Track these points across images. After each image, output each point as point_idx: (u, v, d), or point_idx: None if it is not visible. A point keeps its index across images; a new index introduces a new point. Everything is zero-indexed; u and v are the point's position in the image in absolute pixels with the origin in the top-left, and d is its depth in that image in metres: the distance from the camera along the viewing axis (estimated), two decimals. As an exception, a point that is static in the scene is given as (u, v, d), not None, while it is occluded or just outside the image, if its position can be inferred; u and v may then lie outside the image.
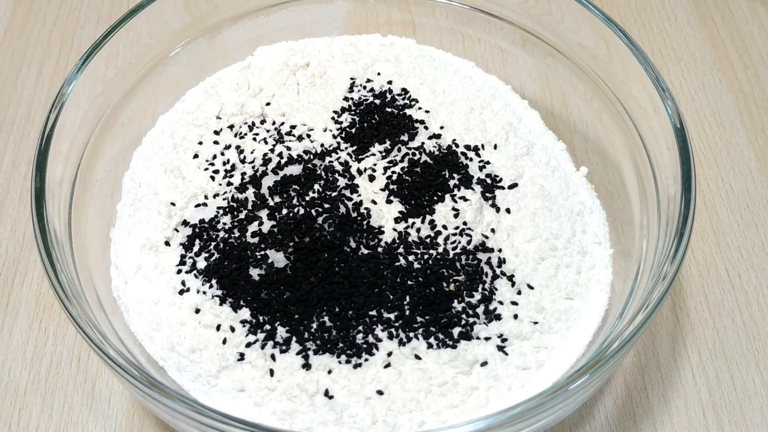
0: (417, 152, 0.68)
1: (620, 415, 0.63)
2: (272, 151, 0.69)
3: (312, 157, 0.68)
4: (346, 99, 0.73)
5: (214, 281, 0.62)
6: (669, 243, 0.56)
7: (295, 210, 0.64)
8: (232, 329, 0.59)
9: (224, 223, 0.65)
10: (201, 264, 0.63)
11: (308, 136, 0.70)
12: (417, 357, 0.58)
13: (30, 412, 0.63)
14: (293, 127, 0.71)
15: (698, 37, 0.88)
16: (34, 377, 0.65)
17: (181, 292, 0.62)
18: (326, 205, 0.65)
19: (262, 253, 0.62)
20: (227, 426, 0.48)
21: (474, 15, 0.78)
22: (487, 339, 0.59)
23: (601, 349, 0.55)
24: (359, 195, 0.66)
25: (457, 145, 0.70)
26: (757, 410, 0.64)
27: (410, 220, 0.64)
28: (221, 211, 0.65)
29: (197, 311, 0.60)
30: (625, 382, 0.65)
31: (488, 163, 0.69)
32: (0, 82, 0.83)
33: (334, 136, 0.70)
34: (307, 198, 0.65)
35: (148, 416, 0.63)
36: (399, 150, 0.69)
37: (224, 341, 0.59)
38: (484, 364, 0.58)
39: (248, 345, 0.59)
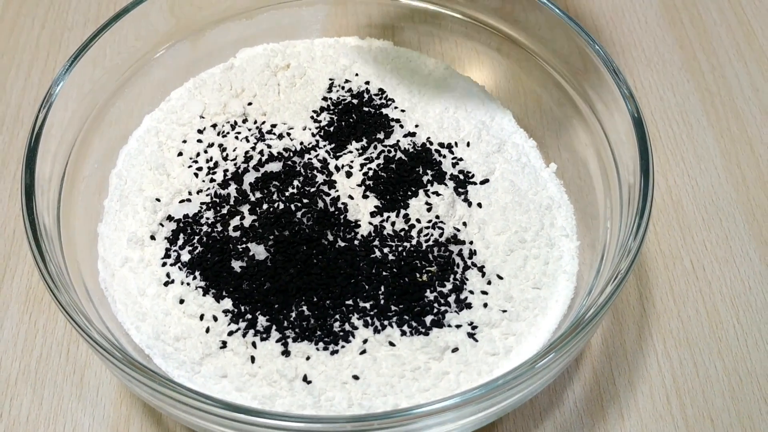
0: (392, 150, 0.70)
1: (588, 401, 0.65)
2: (253, 149, 0.70)
3: (292, 154, 0.70)
4: (325, 99, 0.75)
5: (197, 273, 0.63)
6: (631, 223, 0.58)
7: (275, 205, 0.66)
8: (215, 318, 0.61)
9: (207, 218, 0.66)
10: (185, 257, 0.65)
11: (288, 134, 0.72)
12: (391, 344, 0.60)
13: (21, 402, 0.64)
14: (274, 125, 0.73)
15: (667, 39, 0.89)
16: (24, 368, 0.66)
17: (166, 284, 0.63)
18: (305, 201, 0.66)
19: (244, 246, 0.64)
20: (210, 407, 0.50)
21: (452, 19, 0.79)
22: (457, 326, 0.61)
23: (576, 318, 0.56)
24: (337, 191, 0.68)
25: (431, 143, 0.71)
26: (719, 395, 0.65)
27: (385, 214, 0.66)
28: (204, 207, 0.67)
29: (181, 302, 0.62)
30: (593, 368, 0.67)
31: (461, 159, 0.71)
32: (-10, 84, 0.84)
33: (313, 135, 0.72)
34: (287, 194, 0.67)
35: (135, 405, 0.64)
36: (375, 147, 0.70)
37: (207, 330, 0.61)
38: (455, 350, 0.60)
39: (230, 333, 0.61)
